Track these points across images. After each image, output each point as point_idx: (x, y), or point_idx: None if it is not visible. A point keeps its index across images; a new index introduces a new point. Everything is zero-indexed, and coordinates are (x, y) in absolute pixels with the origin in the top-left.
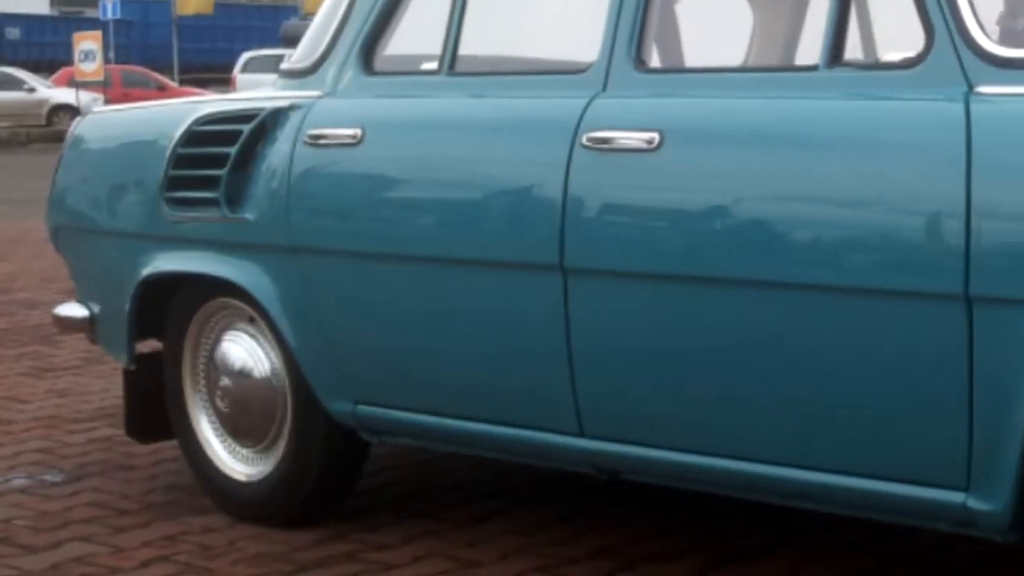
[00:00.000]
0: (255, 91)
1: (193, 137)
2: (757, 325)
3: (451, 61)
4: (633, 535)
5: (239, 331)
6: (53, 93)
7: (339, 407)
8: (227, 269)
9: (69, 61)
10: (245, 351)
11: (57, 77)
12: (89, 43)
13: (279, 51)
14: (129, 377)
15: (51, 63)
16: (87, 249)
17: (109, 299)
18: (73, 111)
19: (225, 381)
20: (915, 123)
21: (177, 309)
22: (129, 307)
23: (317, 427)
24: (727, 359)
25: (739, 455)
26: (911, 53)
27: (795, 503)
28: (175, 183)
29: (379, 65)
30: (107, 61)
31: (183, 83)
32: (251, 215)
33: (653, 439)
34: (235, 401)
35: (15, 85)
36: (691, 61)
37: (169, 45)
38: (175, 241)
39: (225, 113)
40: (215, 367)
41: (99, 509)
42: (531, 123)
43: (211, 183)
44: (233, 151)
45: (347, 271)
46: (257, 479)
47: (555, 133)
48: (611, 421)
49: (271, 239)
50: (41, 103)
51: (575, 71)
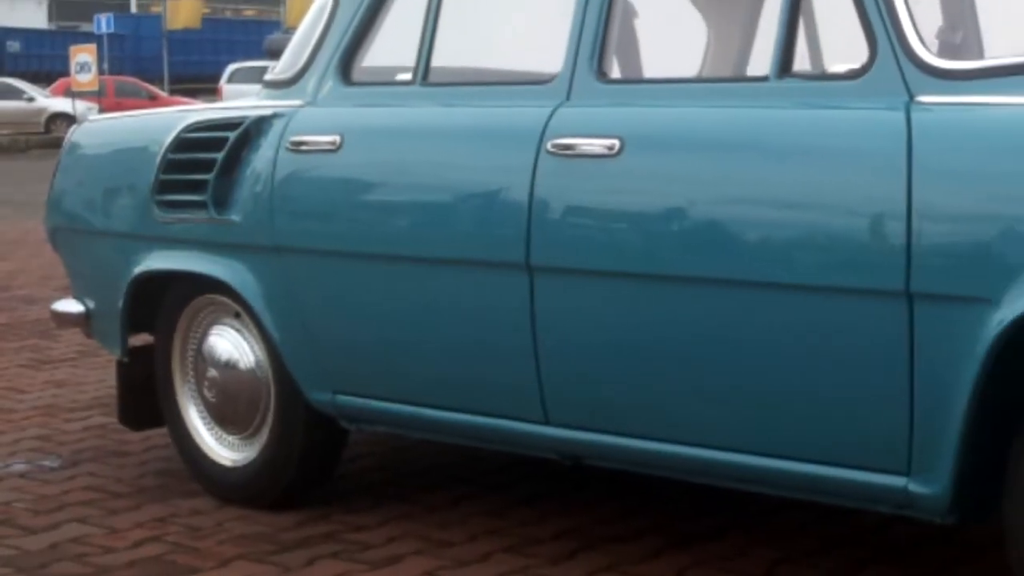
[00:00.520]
0: (240, 100)
1: (182, 144)
2: (712, 320)
3: (424, 72)
4: (595, 517)
5: (225, 326)
6: (51, 102)
7: (319, 397)
8: (214, 267)
9: (66, 72)
10: (231, 344)
11: (55, 87)
12: (85, 56)
13: (263, 63)
14: (122, 369)
15: (49, 74)
16: (83, 249)
17: (103, 296)
18: (70, 119)
19: (212, 372)
20: (859, 131)
21: (167, 305)
22: (122, 303)
23: (299, 416)
24: (683, 352)
25: (695, 442)
26: (856, 65)
27: (747, 487)
28: (165, 187)
29: (357, 76)
30: (101, 72)
31: (173, 93)
32: (237, 217)
33: (614, 427)
34: (222, 391)
35: (15, 95)
36: (649, 72)
37: (160, 57)
38: (165, 241)
39: (212, 121)
40: (203, 359)
41: (94, 492)
42: (499, 130)
43: (199, 187)
44: (220, 157)
45: (327, 270)
46: (242, 464)
47: (522, 140)
48: (574, 410)
49: (255, 239)
50: (40, 112)
51: (540, 82)
